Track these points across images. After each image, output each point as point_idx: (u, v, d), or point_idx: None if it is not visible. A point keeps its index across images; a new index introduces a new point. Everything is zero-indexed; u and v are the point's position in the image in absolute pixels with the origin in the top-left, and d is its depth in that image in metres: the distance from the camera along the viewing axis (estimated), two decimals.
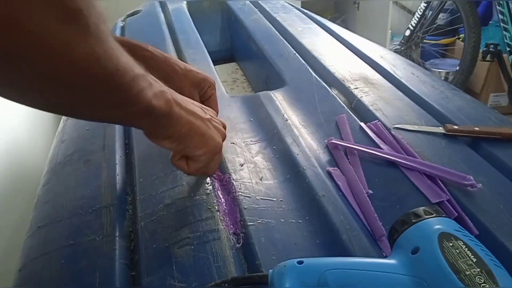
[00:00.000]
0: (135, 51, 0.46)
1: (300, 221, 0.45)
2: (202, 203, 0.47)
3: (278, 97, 0.70)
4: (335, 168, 0.53)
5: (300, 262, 0.33)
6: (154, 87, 0.34)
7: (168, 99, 0.36)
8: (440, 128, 0.58)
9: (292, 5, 1.17)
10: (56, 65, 0.25)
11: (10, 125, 0.94)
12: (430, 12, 2.09)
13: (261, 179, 0.51)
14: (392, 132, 0.59)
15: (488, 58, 1.92)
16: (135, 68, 0.31)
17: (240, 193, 0.49)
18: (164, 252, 0.42)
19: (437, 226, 0.32)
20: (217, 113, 0.58)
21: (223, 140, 0.44)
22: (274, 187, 0.50)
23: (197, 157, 0.42)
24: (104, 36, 0.27)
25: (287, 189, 0.50)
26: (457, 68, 1.96)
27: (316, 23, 1.03)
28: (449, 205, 0.46)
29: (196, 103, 0.43)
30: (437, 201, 0.46)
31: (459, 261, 0.29)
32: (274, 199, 0.48)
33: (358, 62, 0.82)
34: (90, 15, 0.26)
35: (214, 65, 0.84)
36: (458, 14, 1.92)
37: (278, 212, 0.46)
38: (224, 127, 0.45)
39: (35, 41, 0.23)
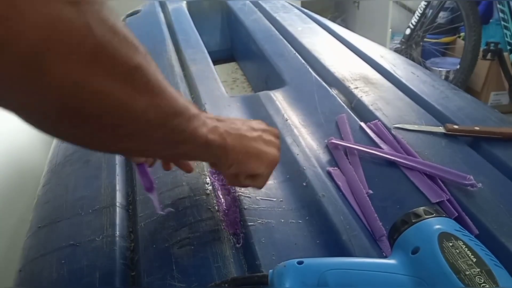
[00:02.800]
0: None
1: (300, 221, 0.45)
2: (202, 203, 0.47)
3: (278, 97, 0.70)
4: (335, 168, 0.53)
5: (300, 262, 0.33)
6: (207, 124, 0.36)
7: (221, 133, 0.38)
8: (440, 127, 0.58)
9: (292, 5, 1.17)
10: (119, 120, 0.27)
11: (10, 125, 0.94)
12: (431, 11, 2.08)
13: None
14: (392, 132, 0.58)
15: (488, 56, 1.92)
16: (190, 108, 0.34)
17: (240, 193, 0.49)
18: (164, 252, 0.42)
19: (437, 226, 0.32)
20: None
21: (279, 151, 0.45)
22: (274, 187, 0.50)
23: (260, 174, 0.44)
24: (163, 85, 0.29)
25: (287, 189, 0.50)
26: (458, 66, 1.96)
27: (316, 23, 1.03)
28: (449, 205, 0.46)
29: (244, 122, 0.44)
30: (437, 201, 0.46)
31: (459, 261, 0.29)
32: (274, 199, 0.48)
33: (358, 61, 0.82)
34: (148, 69, 0.27)
35: (214, 65, 0.84)
36: (459, 12, 1.91)
37: (278, 212, 0.46)
38: (277, 136, 0.46)
39: (97, 100, 0.24)
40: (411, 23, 2.12)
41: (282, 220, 0.45)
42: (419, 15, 2.07)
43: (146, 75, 0.27)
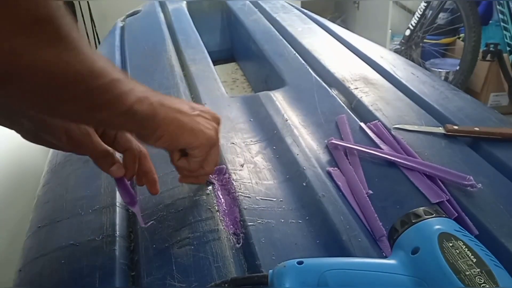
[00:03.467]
0: None
1: (300, 221, 0.45)
2: (202, 203, 0.47)
3: (278, 97, 0.70)
4: (335, 168, 0.53)
5: (300, 263, 0.33)
6: (136, 92, 0.35)
7: (151, 103, 0.37)
8: (440, 128, 0.58)
9: (292, 5, 1.17)
10: (16, 69, 0.26)
11: None
12: (430, 12, 2.09)
13: (261, 180, 0.51)
14: (392, 132, 0.59)
15: (488, 57, 1.92)
16: (114, 73, 0.33)
17: (240, 193, 0.49)
18: (164, 252, 0.42)
19: (437, 226, 0.32)
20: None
21: (216, 134, 0.44)
22: (274, 187, 0.50)
23: (193, 153, 0.43)
24: (78, 43, 0.29)
25: (287, 189, 0.50)
26: (457, 67, 1.96)
27: (316, 23, 1.03)
28: (449, 205, 0.46)
29: (185, 101, 0.44)
30: (437, 201, 0.46)
31: (459, 261, 0.29)
32: (274, 199, 0.48)
33: (358, 62, 0.82)
34: (58, 23, 0.27)
35: (214, 65, 0.84)
36: (458, 13, 1.92)
37: (278, 212, 0.46)
38: (217, 121, 0.45)
39: None
40: (411, 24, 2.12)
41: (282, 220, 0.45)
42: (419, 16, 2.08)
43: (53, 28, 0.27)
